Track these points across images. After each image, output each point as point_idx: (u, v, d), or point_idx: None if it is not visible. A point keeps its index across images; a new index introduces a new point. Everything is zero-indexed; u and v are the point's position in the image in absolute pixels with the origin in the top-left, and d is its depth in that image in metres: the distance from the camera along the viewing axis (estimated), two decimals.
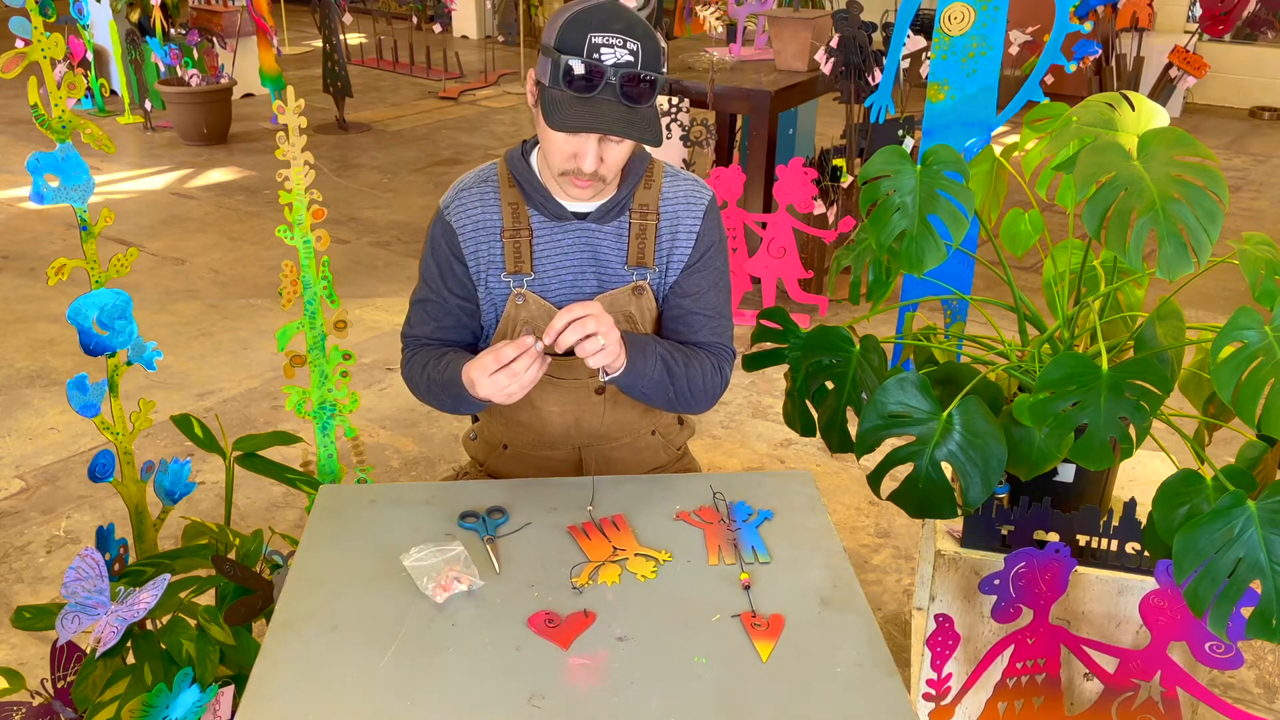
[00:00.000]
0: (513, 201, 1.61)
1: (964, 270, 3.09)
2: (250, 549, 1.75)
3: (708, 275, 1.65)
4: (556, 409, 1.66)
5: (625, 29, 1.41)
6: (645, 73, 1.42)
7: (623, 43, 1.40)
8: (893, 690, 1.17)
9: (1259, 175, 6.09)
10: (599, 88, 1.41)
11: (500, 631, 1.25)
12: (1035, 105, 1.82)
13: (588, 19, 1.41)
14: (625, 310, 1.62)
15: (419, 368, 1.65)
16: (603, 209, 1.60)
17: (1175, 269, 1.32)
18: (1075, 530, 1.57)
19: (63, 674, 1.50)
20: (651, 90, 1.43)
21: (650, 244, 1.62)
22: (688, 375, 1.60)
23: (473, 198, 1.62)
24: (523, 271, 1.61)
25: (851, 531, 2.71)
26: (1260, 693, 2.19)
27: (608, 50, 1.40)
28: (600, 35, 1.40)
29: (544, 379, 1.65)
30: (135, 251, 1.81)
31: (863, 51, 3.69)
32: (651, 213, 1.61)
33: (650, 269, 1.62)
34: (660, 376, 1.56)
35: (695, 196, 1.64)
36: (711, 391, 1.65)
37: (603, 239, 1.61)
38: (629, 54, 1.41)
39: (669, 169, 1.66)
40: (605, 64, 1.40)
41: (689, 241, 1.62)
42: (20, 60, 1.61)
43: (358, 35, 9.69)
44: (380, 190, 5.64)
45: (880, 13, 4.12)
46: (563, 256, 1.62)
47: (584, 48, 1.40)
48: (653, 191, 1.62)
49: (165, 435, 3.09)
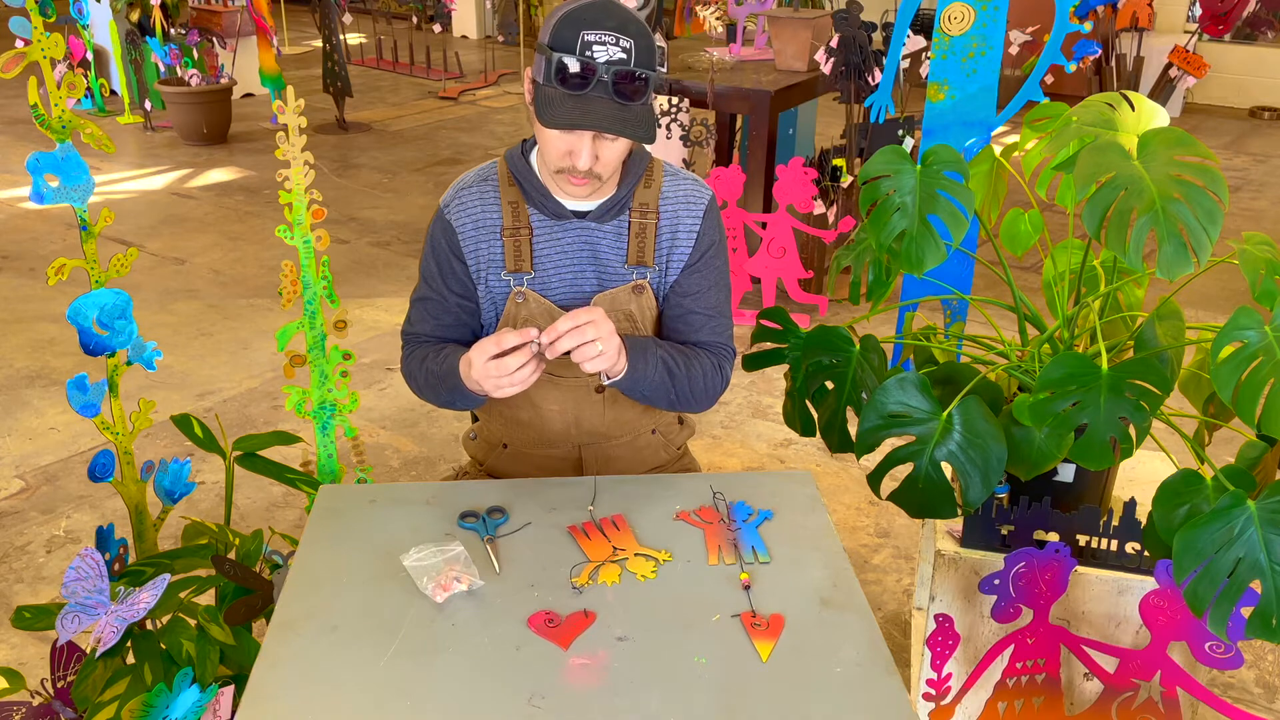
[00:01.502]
0: (513, 200, 1.61)
1: (964, 270, 3.09)
2: (250, 549, 1.75)
3: (708, 275, 1.65)
4: (556, 407, 1.66)
5: (618, 27, 1.42)
6: (638, 70, 1.42)
7: (615, 40, 1.41)
8: (893, 690, 1.17)
9: (1259, 175, 6.09)
10: (591, 85, 1.41)
11: (500, 631, 1.25)
12: (1035, 105, 1.82)
13: (581, 17, 1.42)
14: (625, 309, 1.62)
15: (418, 361, 1.65)
16: (602, 208, 1.60)
17: (1175, 269, 1.32)
18: (1075, 530, 1.57)
19: (63, 674, 1.50)
20: (645, 88, 1.44)
21: (650, 243, 1.62)
22: (689, 376, 1.60)
23: (472, 196, 1.63)
24: (523, 270, 1.61)
25: (851, 531, 2.71)
26: (1260, 693, 2.19)
27: (600, 48, 1.40)
28: (593, 33, 1.41)
29: (544, 377, 1.65)
30: (135, 251, 1.81)
31: (863, 51, 3.69)
32: (651, 212, 1.62)
33: (650, 268, 1.62)
34: (661, 379, 1.56)
35: (695, 196, 1.64)
36: (712, 391, 1.65)
37: (602, 238, 1.61)
38: (622, 51, 1.41)
39: (669, 168, 1.66)
40: (598, 61, 1.40)
41: (689, 241, 1.62)
42: (20, 60, 1.61)
43: (358, 35, 9.69)
44: (380, 190, 5.64)
45: (880, 13, 4.12)
46: (562, 255, 1.62)
47: (577, 45, 1.41)
48: (653, 191, 1.62)
49: (165, 435, 3.09)
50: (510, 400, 1.69)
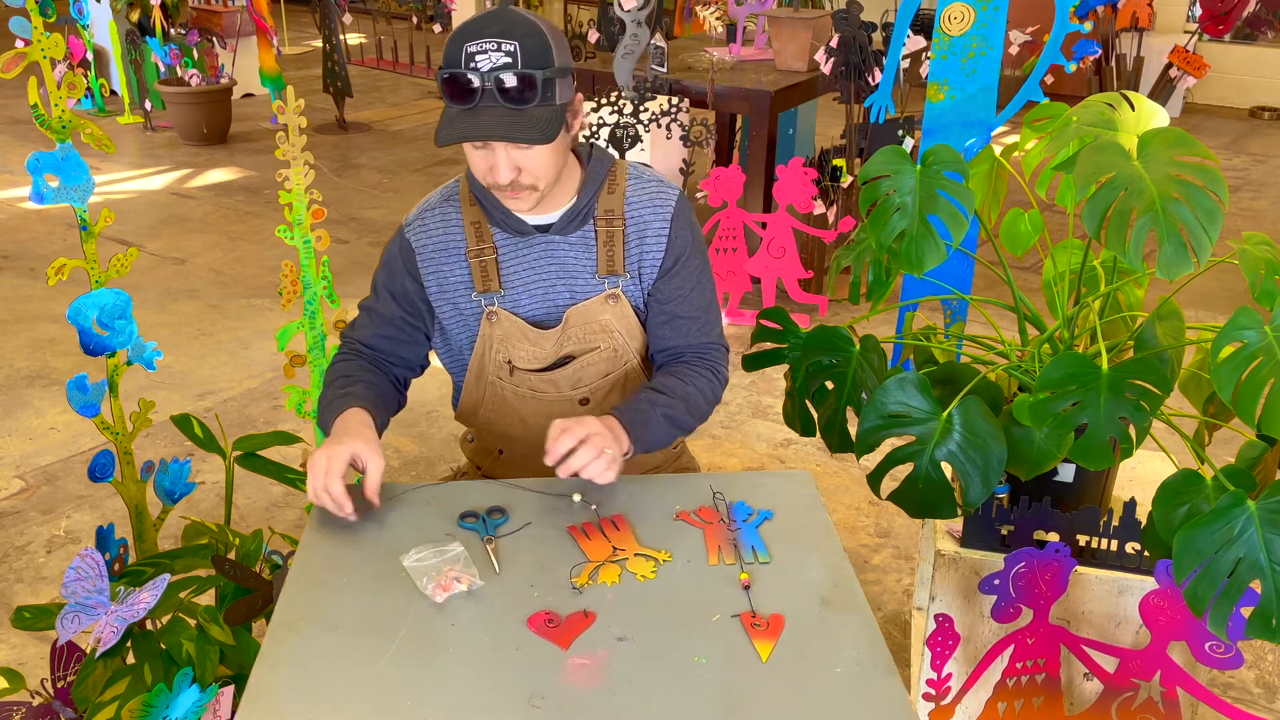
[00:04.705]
0: (475, 220, 1.60)
1: (964, 270, 3.09)
2: (250, 549, 1.75)
3: (687, 277, 1.63)
4: (543, 422, 1.65)
5: (501, 31, 1.39)
6: (525, 72, 1.38)
7: (497, 46, 1.38)
8: (893, 690, 1.17)
9: (1259, 175, 6.09)
10: (479, 95, 1.39)
11: (500, 631, 1.25)
12: (1035, 105, 1.82)
13: (465, 29, 1.40)
14: (600, 320, 1.61)
15: (331, 378, 1.63)
16: (564, 219, 1.58)
17: (1175, 269, 1.32)
18: (1075, 530, 1.57)
19: (63, 674, 1.50)
20: (535, 89, 1.40)
21: (619, 251, 1.59)
22: (689, 408, 1.59)
23: (435, 218, 1.61)
24: (492, 290, 1.60)
25: (851, 531, 2.71)
26: (1260, 693, 2.19)
27: (482, 56, 1.38)
28: (474, 43, 1.39)
29: (527, 394, 1.65)
30: (135, 251, 1.81)
31: (863, 51, 3.69)
32: (617, 219, 1.59)
33: (622, 276, 1.60)
34: (667, 433, 1.56)
35: (660, 199, 1.61)
36: (714, 400, 1.65)
37: (568, 250, 1.60)
38: (505, 56, 1.38)
39: (634, 170, 1.63)
40: (481, 70, 1.38)
41: (659, 246, 1.60)
42: (20, 60, 1.61)
43: (358, 35, 9.69)
44: (380, 190, 5.64)
45: (880, 13, 4.12)
46: (529, 271, 1.60)
47: (461, 58, 1.39)
48: (617, 196, 1.59)
49: (165, 435, 3.09)
50: (498, 418, 1.69)
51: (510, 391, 1.66)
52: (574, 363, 1.64)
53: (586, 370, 1.65)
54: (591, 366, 1.64)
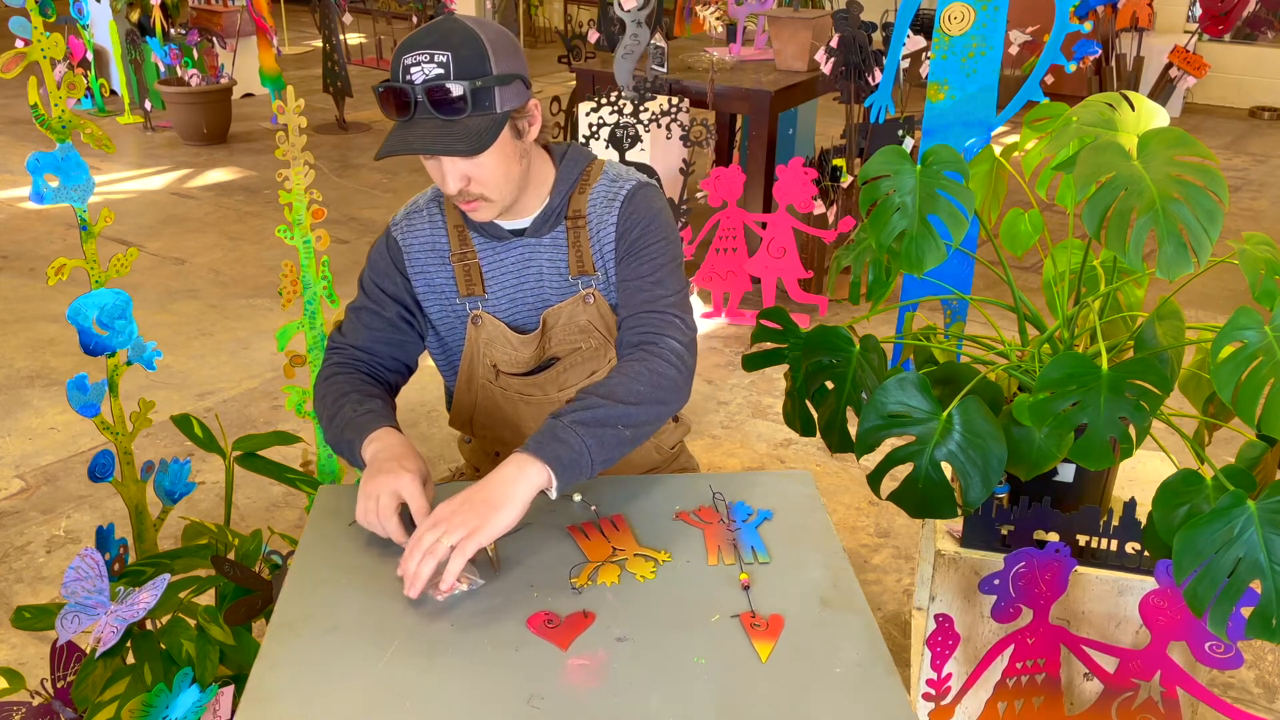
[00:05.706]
0: (457, 224, 1.60)
1: (964, 270, 3.09)
2: (250, 549, 1.75)
3: (644, 259, 1.55)
4: (535, 424, 1.65)
5: (436, 42, 1.38)
6: (454, 83, 1.37)
7: (430, 57, 1.37)
8: (893, 690, 1.17)
9: (1259, 175, 6.09)
10: (414, 108, 1.39)
11: (500, 632, 1.25)
12: (1035, 105, 1.82)
13: (405, 43, 1.40)
14: (579, 322, 1.61)
15: (336, 392, 1.54)
16: (537, 222, 1.58)
17: (1175, 269, 1.32)
18: (1075, 530, 1.57)
19: (63, 674, 1.50)
20: (465, 100, 1.38)
21: (586, 249, 1.59)
22: (628, 402, 1.41)
23: (422, 220, 1.61)
24: (475, 294, 1.60)
25: (851, 531, 2.71)
26: (1260, 693, 2.19)
27: (415, 69, 1.38)
28: (410, 55, 1.38)
29: (515, 397, 1.65)
30: (135, 251, 1.81)
31: (863, 51, 3.69)
32: (582, 217, 1.58)
33: (593, 275, 1.60)
34: (606, 437, 1.38)
35: (615, 190, 1.58)
36: (671, 383, 1.46)
37: (542, 253, 1.59)
38: (437, 67, 1.37)
39: (610, 168, 1.62)
40: (414, 82, 1.37)
41: (610, 237, 1.58)
42: (20, 60, 1.61)
43: (358, 35, 9.69)
44: (380, 190, 5.64)
45: (880, 13, 4.12)
46: (508, 275, 1.60)
47: (399, 71, 1.39)
48: (585, 196, 1.59)
49: (165, 435, 3.09)
50: (490, 423, 1.69)
51: (500, 395, 1.66)
52: (557, 365, 1.64)
53: (570, 371, 1.65)
54: (575, 368, 1.65)
